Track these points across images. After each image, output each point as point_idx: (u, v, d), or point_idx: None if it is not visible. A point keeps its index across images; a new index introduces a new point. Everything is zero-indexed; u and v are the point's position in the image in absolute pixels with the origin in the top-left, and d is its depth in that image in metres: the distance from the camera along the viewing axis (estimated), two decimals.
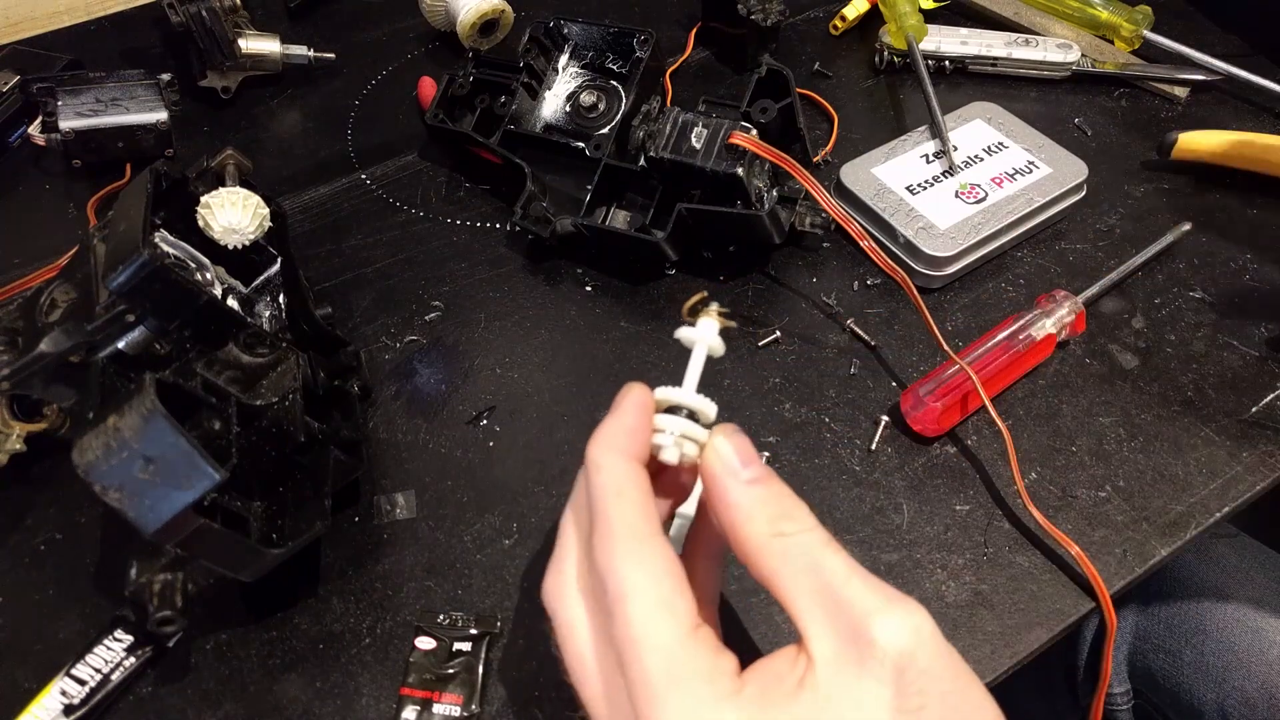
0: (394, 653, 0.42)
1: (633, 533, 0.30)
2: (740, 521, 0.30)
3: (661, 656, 0.28)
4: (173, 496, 0.35)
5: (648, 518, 0.30)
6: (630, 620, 0.28)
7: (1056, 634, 0.43)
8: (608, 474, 0.31)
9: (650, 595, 0.28)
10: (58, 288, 0.45)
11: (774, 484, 0.31)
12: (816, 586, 0.28)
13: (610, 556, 0.29)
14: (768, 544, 0.29)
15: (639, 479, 0.31)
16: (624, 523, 0.30)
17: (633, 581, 0.29)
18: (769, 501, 0.30)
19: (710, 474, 0.31)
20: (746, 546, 0.30)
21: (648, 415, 0.32)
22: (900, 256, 0.56)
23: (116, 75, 0.63)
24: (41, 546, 0.46)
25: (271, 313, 0.50)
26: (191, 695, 0.41)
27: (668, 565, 0.29)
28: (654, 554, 0.29)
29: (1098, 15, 0.70)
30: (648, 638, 0.28)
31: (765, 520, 0.30)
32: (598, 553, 0.30)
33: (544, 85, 0.63)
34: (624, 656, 0.28)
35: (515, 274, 0.58)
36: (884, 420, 0.50)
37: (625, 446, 0.31)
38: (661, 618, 0.28)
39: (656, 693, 0.27)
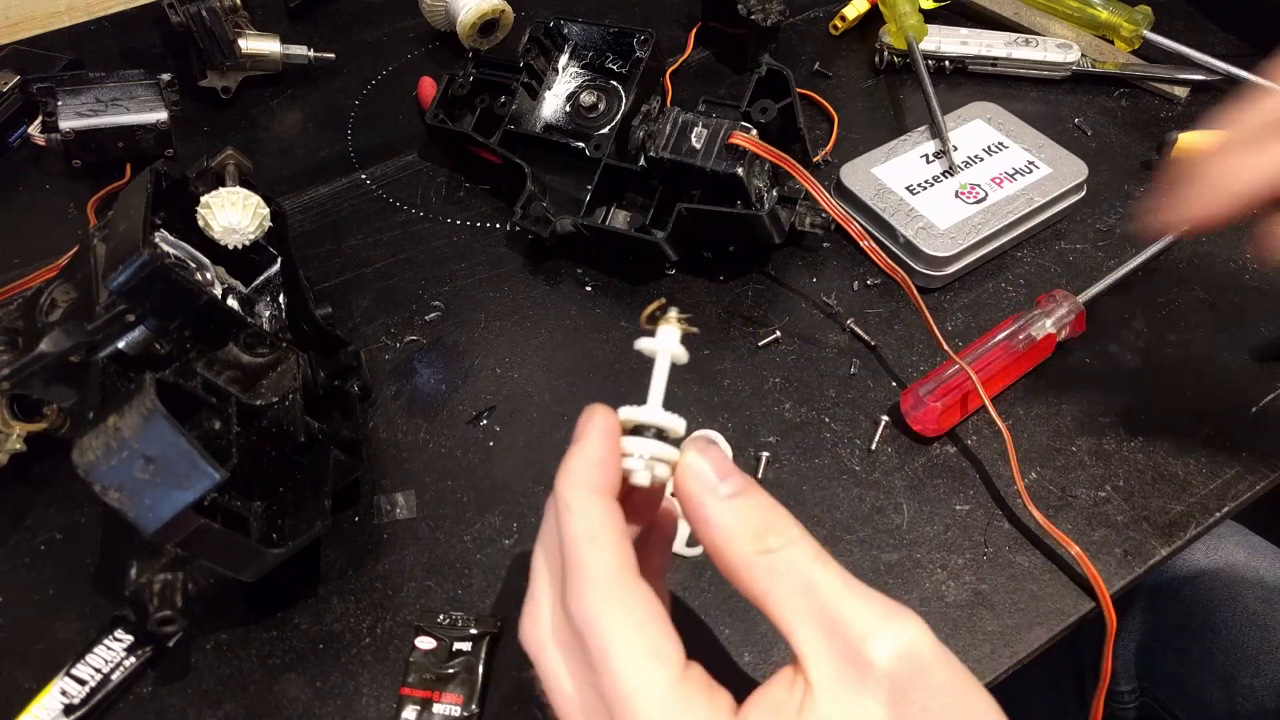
0: (394, 652, 0.42)
1: (610, 580, 0.28)
2: (722, 541, 0.29)
3: (657, 708, 0.26)
4: (173, 496, 0.35)
5: (625, 562, 0.28)
6: (618, 674, 0.27)
7: (1057, 634, 0.43)
8: (579, 517, 0.29)
9: (636, 646, 0.27)
10: (58, 288, 0.45)
11: (754, 496, 0.30)
12: (810, 606, 0.27)
13: (588, 607, 0.28)
14: (754, 562, 0.28)
15: (612, 518, 0.29)
16: (600, 571, 0.28)
17: (616, 633, 0.27)
18: (751, 516, 0.29)
19: (686, 493, 0.30)
20: (731, 566, 0.29)
21: (614, 441, 0.31)
22: (900, 256, 0.56)
23: (116, 75, 0.63)
24: (42, 546, 0.46)
25: (271, 313, 0.50)
26: (191, 695, 0.41)
27: (650, 610, 0.28)
28: (635, 601, 0.28)
29: (1098, 15, 0.70)
30: (639, 690, 0.27)
31: (748, 538, 0.29)
32: (573, 603, 0.28)
33: (544, 85, 0.63)
34: (615, 713, 0.27)
35: (515, 274, 0.58)
36: (884, 420, 0.50)
37: (595, 481, 0.30)
38: (651, 668, 0.27)
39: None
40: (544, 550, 0.31)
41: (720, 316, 0.55)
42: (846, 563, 0.44)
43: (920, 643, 0.27)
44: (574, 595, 0.28)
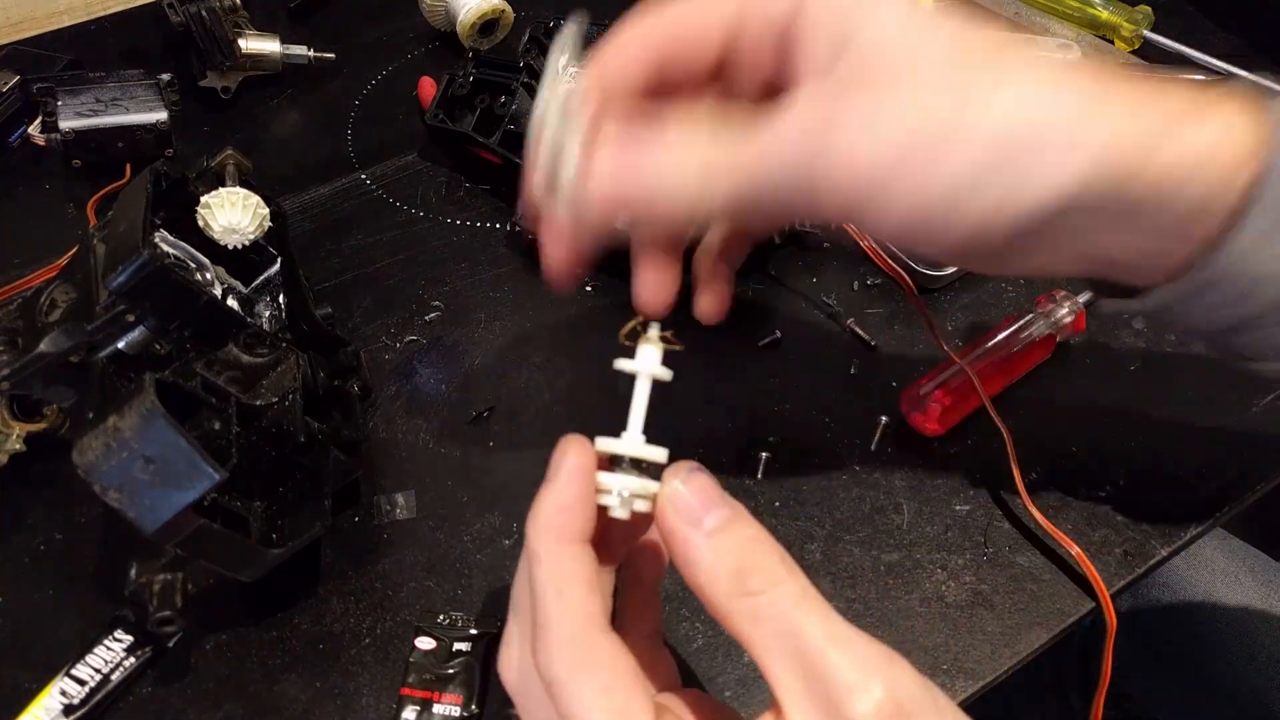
0: (394, 653, 0.42)
1: (575, 638, 0.28)
2: (705, 582, 0.28)
3: None
4: (173, 496, 0.35)
5: (590, 617, 0.28)
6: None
7: (1057, 634, 0.43)
8: (546, 568, 0.28)
9: (603, 708, 0.27)
10: (58, 288, 0.45)
11: (738, 530, 0.28)
12: (791, 654, 0.26)
13: (553, 665, 0.27)
14: (736, 606, 0.27)
15: (580, 570, 0.29)
16: (566, 627, 0.28)
17: (582, 694, 0.27)
18: (733, 555, 0.28)
19: (666, 529, 0.29)
20: (714, 607, 0.28)
21: (588, 479, 0.30)
22: (900, 256, 0.56)
23: (116, 75, 0.63)
24: (41, 546, 0.46)
25: (271, 313, 0.50)
26: (191, 695, 0.41)
27: (616, 667, 0.27)
28: (600, 660, 0.27)
29: (1098, 15, 0.70)
30: None
31: (730, 579, 0.27)
32: (540, 657, 0.28)
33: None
34: None
35: (515, 274, 0.58)
36: (884, 420, 0.50)
37: (563, 528, 0.29)
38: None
39: None
40: (518, 588, 0.31)
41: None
42: (847, 562, 0.45)
43: (903, 694, 0.26)
44: (541, 650, 0.28)
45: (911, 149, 0.28)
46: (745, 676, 0.41)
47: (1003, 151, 0.28)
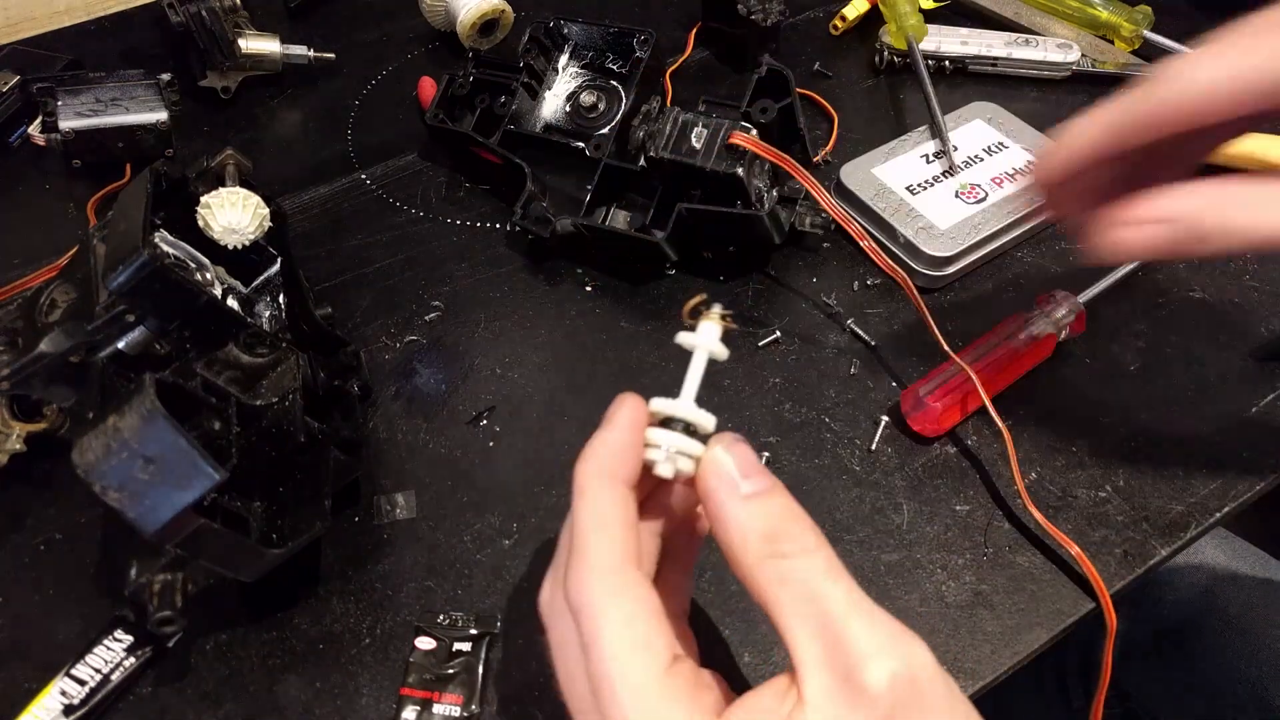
0: (394, 653, 0.42)
1: (608, 569, 0.29)
2: (736, 541, 0.29)
3: (636, 699, 0.27)
4: (173, 496, 0.35)
5: (626, 553, 0.29)
6: (604, 658, 0.27)
7: (1057, 634, 0.43)
8: (590, 502, 0.30)
9: (624, 636, 0.28)
10: (58, 288, 0.45)
11: (775, 499, 0.30)
12: (813, 619, 0.27)
13: (583, 591, 0.28)
14: (764, 567, 0.28)
15: (622, 508, 0.30)
16: (600, 558, 0.29)
17: (606, 620, 0.28)
18: (767, 519, 0.29)
19: (706, 489, 0.30)
20: (742, 567, 0.29)
21: (639, 431, 0.31)
22: (900, 256, 0.56)
23: (116, 75, 0.63)
24: (41, 547, 0.46)
25: (271, 313, 0.50)
26: (191, 695, 0.41)
27: (643, 602, 0.28)
28: (629, 592, 0.28)
29: (1098, 15, 0.70)
30: (623, 677, 0.27)
31: (762, 540, 0.29)
32: (570, 584, 0.29)
33: (544, 85, 0.63)
34: (599, 694, 0.28)
35: (515, 274, 0.58)
36: (884, 420, 0.50)
37: (613, 469, 0.30)
38: (637, 657, 0.27)
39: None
40: (567, 527, 0.32)
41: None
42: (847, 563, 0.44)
43: (920, 675, 0.26)
44: (573, 577, 0.29)
45: None
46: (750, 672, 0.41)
47: None
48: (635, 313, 0.56)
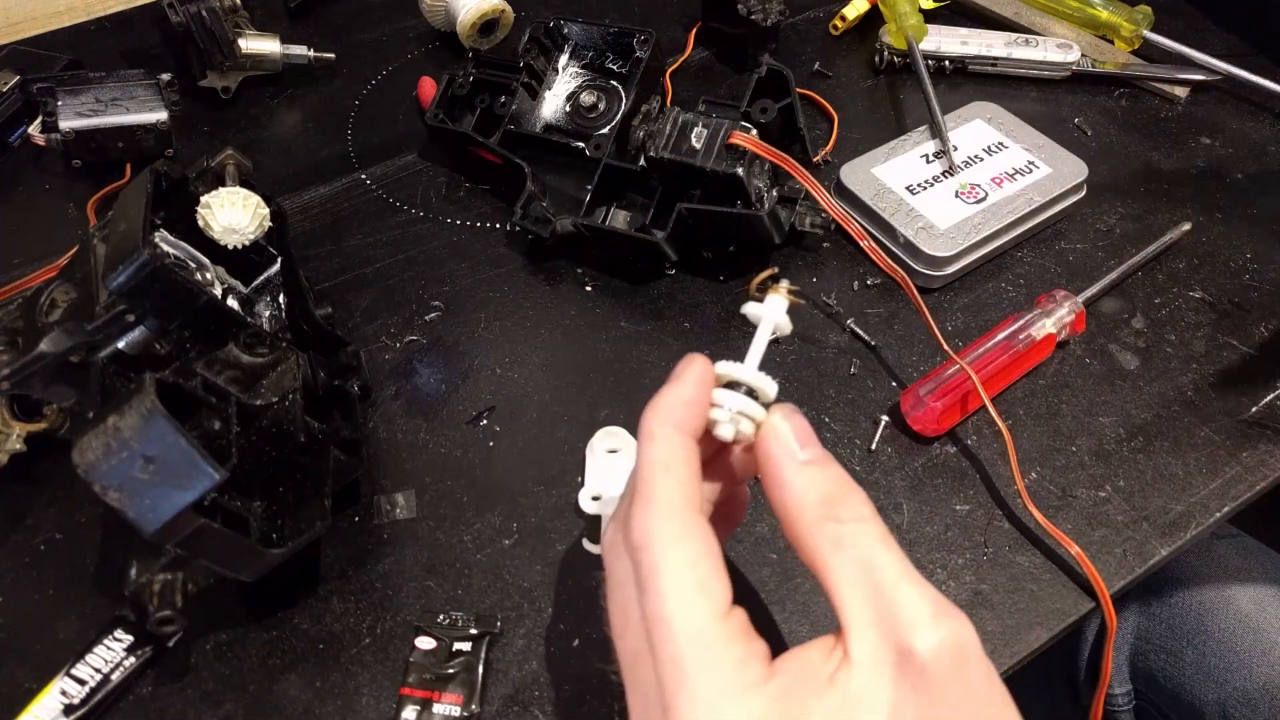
0: (394, 653, 0.42)
1: (674, 510, 0.29)
2: (793, 503, 0.29)
3: (692, 640, 0.27)
4: (173, 496, 0.35)
5: (690, 495, 0.29)
6: (663, 598, 0.27)
7: (1057, 634, 0.43)
8: (658, 445, 0.30)
9: (686, 576, 0.28)
10: (58, 288, 0.45)
11: (831, 467, 0.30)
12: (866, 583, 0.27)
13: (646, 530, 0.29)
14: (820, 529, 0.29)
15: (689, 455, 0.30)
16: (666, 498, 0.29)
17: (668, 560, 0.28)
18: (824, 484, 0.29)
19: (765, 453, 0.31)
20: (797, 529, 0.29)
21: (707, 389, 0.32)
22: (900, 256, 0.56)
23: (116, 75, 0.63)
24: (41, 546, 0.46)
25: (271, 313, 0.50)
26: (191, 695, 0.41)
27: (706, 547, 0.29)
28: (693, 534, 0.29)
29: (1098, 15, 0.70)
30: (679, 618, 0.27)
31: (819, 504, 0.29)
32: (635, 522, 0.29)
33: (544, 85, 0.63)
34: (653, 634, 0.28)
35: (515, 274, 0.58)
36: (884, 420, 0.50)
37: (680, 419, 0.31)
38: (695, 600, 0.27)
39: (685, 675, 0.27)
40: (632, 476, 0.32)
41: (720, 316, 0.55)
42: None
43: (967, 646, 0.27)
44: (637, 516, 0.29)
45: None
46: None
47: None
48: (635, 313, 0.56)
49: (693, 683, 0.27)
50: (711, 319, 0.55)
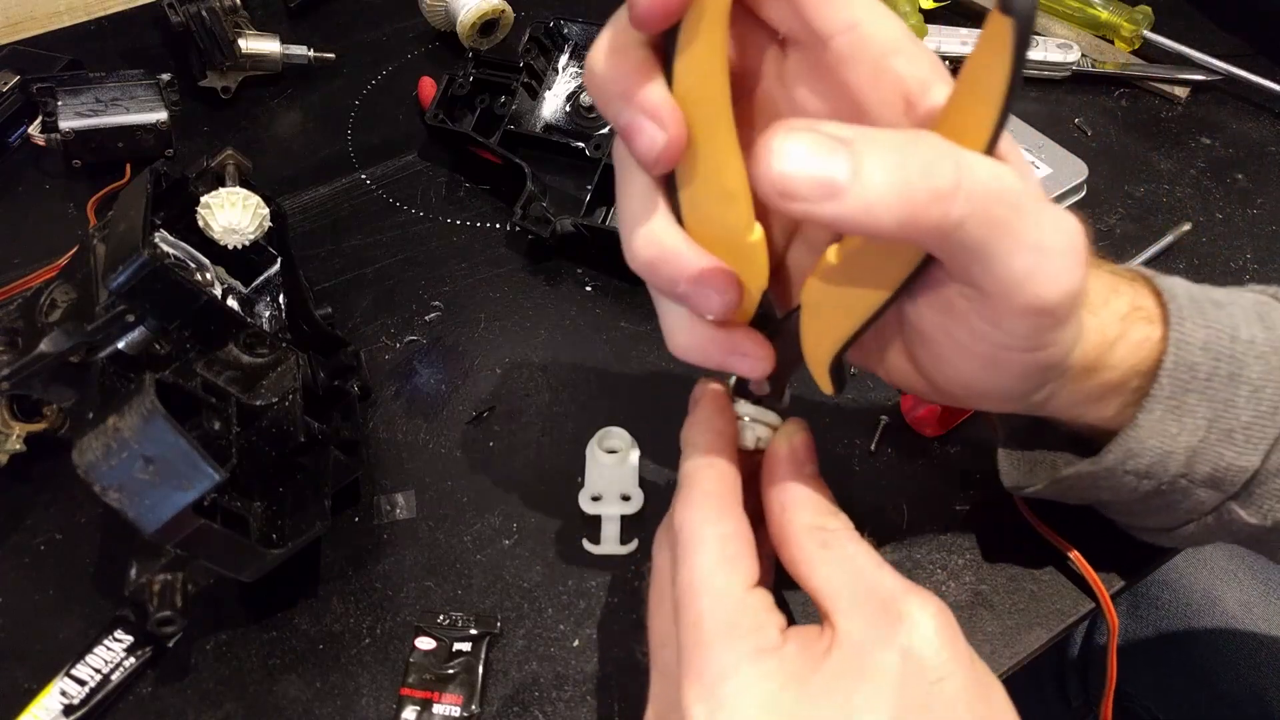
0: (394, 653, 0.42)
1: (711, 496, 0.31)
2: (792, 505, 0.32)
3: (716, 604, 0.29)
4: (172, 497, 0.35)
5: (729, 486, 0.32)
6: (694, 568, 0.30)
7: (1056, 634, 0.43)
8: (699, 448, 0.33)
9: (715, 551, 0.30)
10: (57, 288, 0.45)
11: (824, 488, 0.33)
12: (849, 572, 0.30)
13: (686, 513, 0.31)
14: (809, 534, 0.31)
15: (728, 454, 0.33)
16: (705, 485, 0.31)
17: (701, 536, 0.30)
18: (820, 497, 0.32)
19: (777, 457, 0.33)
20: (787, 531, 0.31)
21: (729, 406, 0.35)
22: None
23: (116, 75, 0.63)
24: (41, 547, 0.46)
25: (271, 313, 0.50)
26: (191, 695, 0.41)
27: (738, 529, 0.31)
28: (727, 517, 0.31)
29: (1098, 15, 0.70)
30: (706, 584, 0.29)
31: (812, 512, 0.31)
32: (677, 512, 0.31)
33: (544, 85, 0.63)
34: (681, 601, 0.29)
35: (515, 274, 0.58)
36: (884, 420, 0.50)
37: (716, 425, 0.33)
38: (722, 570, 0.29)
39: (707, 637, 0.28)
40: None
41: None
42: None
43: (946, 613, 0.29)
44: (679, 506, 0.31)
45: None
46: None
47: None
48: (635, 313, 0.56)
49: (712, 644, 0.28)
50: None
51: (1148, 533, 0.41)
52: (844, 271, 0.28)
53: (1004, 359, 0.29)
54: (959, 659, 0.28)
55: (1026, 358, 0.29)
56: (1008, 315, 0.27)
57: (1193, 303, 0.34)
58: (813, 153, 0.23)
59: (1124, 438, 0.34)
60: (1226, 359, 0.34)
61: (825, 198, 0.23)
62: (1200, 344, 0.33)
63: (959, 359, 0.30)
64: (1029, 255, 0.25)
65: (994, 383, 0.30)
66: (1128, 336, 0.33)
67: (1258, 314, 0.35)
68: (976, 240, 0.25)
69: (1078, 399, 0.33)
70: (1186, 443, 0.34)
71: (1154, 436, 0.34)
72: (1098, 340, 0.31)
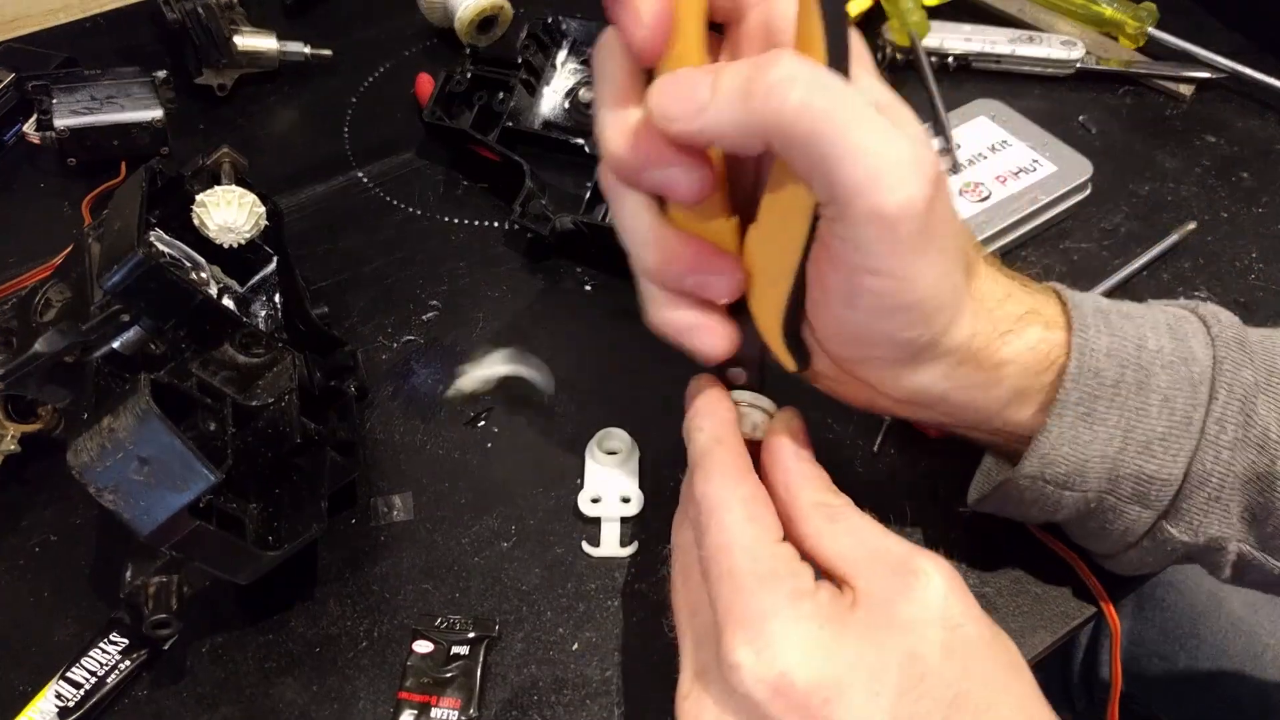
0: (391, 656, 0.42)
1: (726, 465, 0.32)
2: (796, 485, 0.33)
3: (748, 556, 0.30)
4: (168, 498, 0.35)
5: (742, 459, 0.33)
6: (722, 527, 0.31)
7: (1060, 637, 0.42)
8: (708, 432, 0.34)
9: (739, 510, 0.31)
10: (52, 287, 0.44)
11: (822, 471, 0.34)
12: (860, 544, 0.31)
13: (705, 486, 0.32)
14: (816, 509, 0.32)
15: (735, 433, 0.34)
16: (720, 460, 0.33)
17: (722, 499, 0.31)
18: (819, 477, 0.33)
19: (777, 441, 0.34)
20: (794, 507, 0.32)
21: (726, 395, 0.36)
22: None
23: (112, 73, 0.63)
24: (36, 548, 0.46)
25: (267, 312, 0.50)
26: (187, 698, 0.41)
27: (757, 491, 0.32)
28: (746, 480, 0.32)
29: (1102, 12, 0.70)
30: (736, 540, 0.30)
31: (815, 489, 0.33)
32: (696, 486, 0.32)
33: (543, 82, 0.62)
34: (712, 561, 0.30)
35: (514, 273, 0.58)
36: (887, 421, 0.49)
37: (720, 413, 0.35)
38: (749, 526, 0.31)
39: (745, 584, 0.29)
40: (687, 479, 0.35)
41: None
42: None
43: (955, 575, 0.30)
44: (699, 479, 0.32)
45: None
46: None
47: None
48: (635, 312, 0.55)
49: (751, 592, 0.29)
50: None
51: (1106, 560, 0.42)
52: (764, 237, 0.32)
53: (865, 288, 0.29)
54: (972, 609, 0.30)
55: (887, 288, 0.29)
56: (853, 224, 0.28)
57: (1099, 313, 0.35)
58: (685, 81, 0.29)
59: (1038, 443, 0.35)
60: (1133, 367, 0.34)
61: (693, 115, 0.28)
62: (1105, 350, 0.34)
63: (834, 302, 0.31)
64: (866, 160, 0.27)
65: (866, 326, 0.31)
66: (1022, 334, 0.34)
67: (1168, 325, 0.36)
68: (811, 136, 0.27)
69: (975, 393, 0.34)
70: (1101, 451, 0.35)
71: (1066, 443, 0.35)
72: (987, 329, 0.33)
